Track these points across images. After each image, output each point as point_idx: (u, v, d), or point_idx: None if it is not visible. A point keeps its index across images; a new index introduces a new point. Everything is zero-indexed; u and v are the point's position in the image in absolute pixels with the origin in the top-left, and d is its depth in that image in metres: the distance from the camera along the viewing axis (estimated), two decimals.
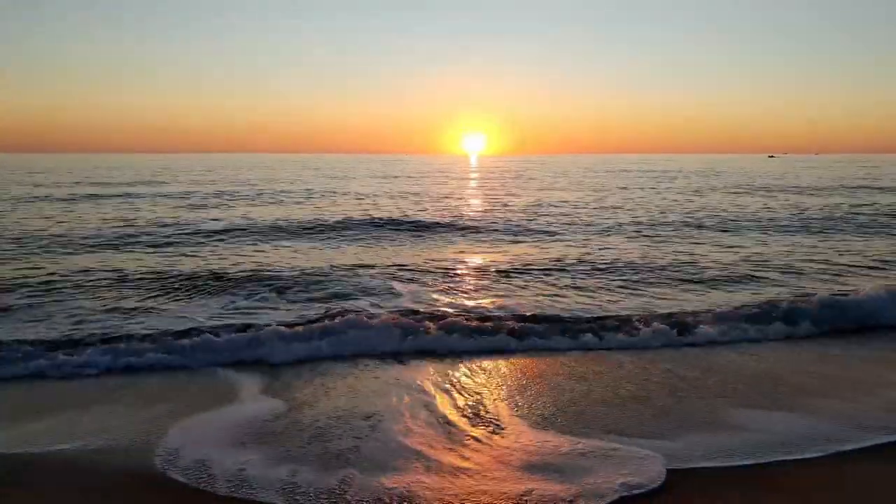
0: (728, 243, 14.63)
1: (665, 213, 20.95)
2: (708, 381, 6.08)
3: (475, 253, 13.78)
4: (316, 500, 3.94)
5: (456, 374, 6.30)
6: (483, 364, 6.62)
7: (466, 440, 4.80)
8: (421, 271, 11.39)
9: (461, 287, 10.20)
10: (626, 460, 4.43)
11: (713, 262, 12.21)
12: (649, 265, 11.81)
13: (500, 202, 25.82)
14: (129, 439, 4.82)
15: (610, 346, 7.12)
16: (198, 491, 4.09)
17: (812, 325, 7.75)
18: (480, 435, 4.88)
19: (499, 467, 4.35)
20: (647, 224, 18.15)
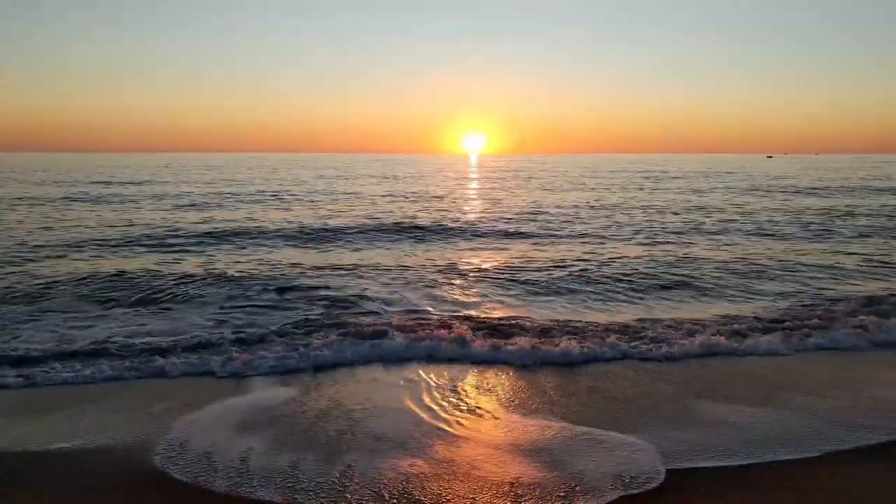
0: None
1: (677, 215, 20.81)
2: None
3: (484, 256, 13.77)
4: (316, 499, 3.96)
5: (457, 376, 6.29)
6: (488, 371, 6.48)
7: (467, 439, 4.80)
8: (427, 273, 11.40)
9: (463, 291, 10.20)
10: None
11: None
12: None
13: (509, 204, 25.57)
14: (129, 438, 4.82)
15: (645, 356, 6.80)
16: (198, 489, 4.09)
17: None
18: (481, 431, 4.89)
19: (495, 460, 4.36)
20: (669, 230, 17.38)
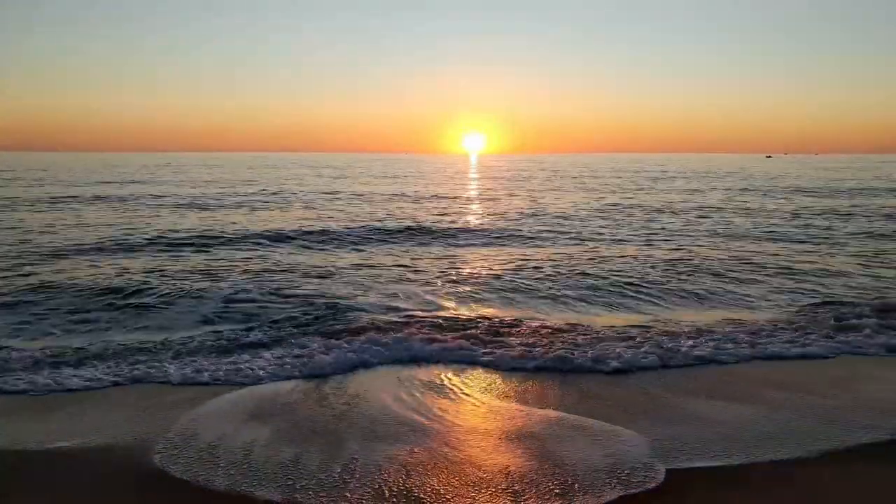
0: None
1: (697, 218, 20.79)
2: None
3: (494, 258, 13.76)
4: (316, 498, 3.97)
5: (459, 379, 6.26)
6: (491, 375, 6.36)
7: (466, 439, 4.81)
8: (428, 274, 11.41)
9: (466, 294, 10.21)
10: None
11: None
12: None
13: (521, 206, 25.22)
14: (129, 436, 4.82)
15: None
16: (199, 487, 4.09)
17: None
18: (480, 431, 4.92)
19: (494, 457, 4.39)
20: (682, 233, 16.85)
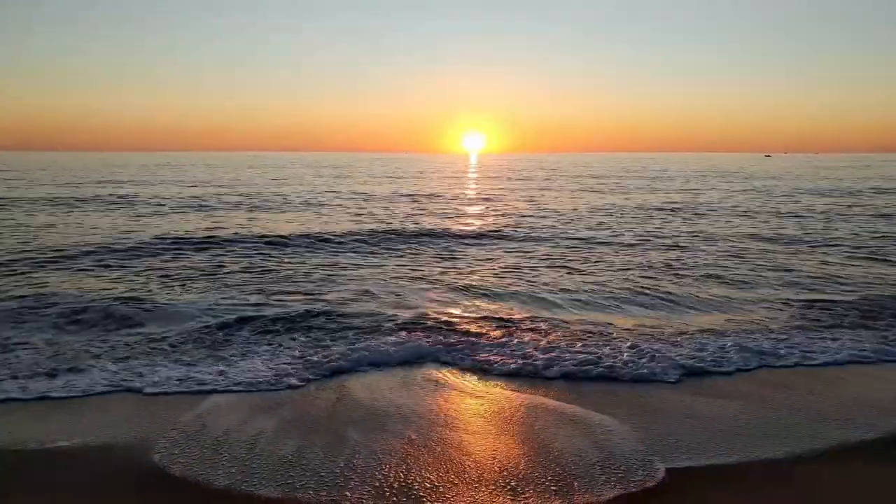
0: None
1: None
2: None
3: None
4: (316, 497, 3.98)
5: (460, 382, 6.22)
6: (491, 376, 6.27)
7: (465, 437, 4.83)
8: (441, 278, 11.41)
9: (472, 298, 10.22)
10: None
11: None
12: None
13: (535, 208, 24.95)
14: (130, 435, 4.83)
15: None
16: (199, 486, 4.11)
17: None
18: (481, 431, 4.93)
19: (494, 453, 4.40)
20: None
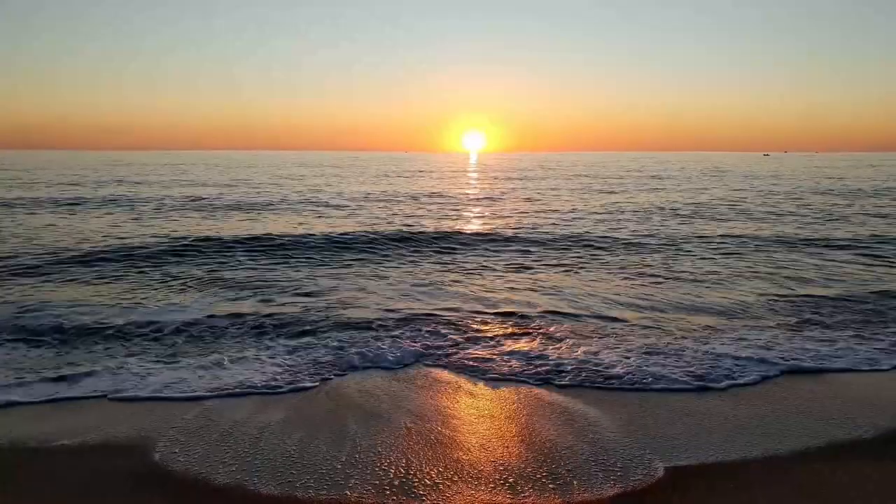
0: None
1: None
2: None
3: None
4: (316, 493, 3.98)
5: (461, 382, 6.16)
6: (497, 382, 6.11)
7: (465, 436, 4.84)
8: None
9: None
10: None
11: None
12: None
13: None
14: (130, 433, 4.84)
15: None
16: (200, 484, 4.12)
17: None
18: (481, 429, 4.94)
19: (493, 451, 4.43)
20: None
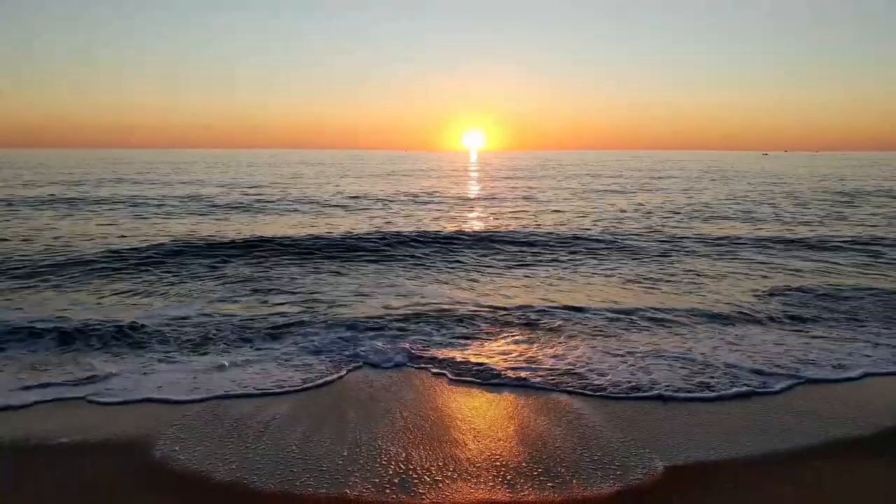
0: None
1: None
2: None
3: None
4: (316, 492, 4.03)
5: (461, 382, 6.10)
6: (497, 382, 6.01)
7: (465, 435, 4.85)
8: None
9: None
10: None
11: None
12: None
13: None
14: (130, 432, 4.85)
15: None
16: (200, 482, 4.14)
17: None
18: (481, 430, 4.95)
19: (494, 449, 4.44)
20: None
